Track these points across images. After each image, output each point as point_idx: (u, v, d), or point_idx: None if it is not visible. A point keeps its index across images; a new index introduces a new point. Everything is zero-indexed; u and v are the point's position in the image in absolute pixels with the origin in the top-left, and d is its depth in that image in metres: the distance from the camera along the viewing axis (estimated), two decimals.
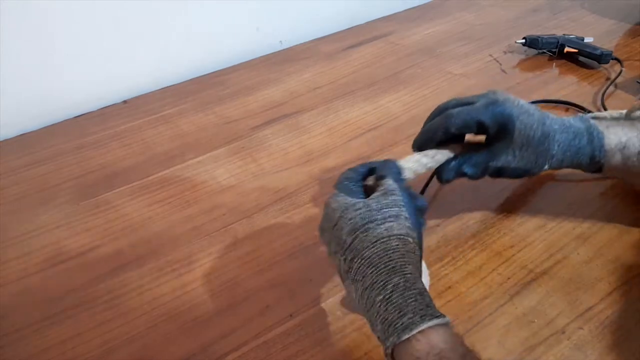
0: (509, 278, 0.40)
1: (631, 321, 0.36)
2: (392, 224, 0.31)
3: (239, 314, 0.39)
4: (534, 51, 0.71)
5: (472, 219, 0.46)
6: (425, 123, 0.43)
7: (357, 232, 0.31)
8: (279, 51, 0.77)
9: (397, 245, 0.30)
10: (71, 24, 0.61)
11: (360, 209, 0.32)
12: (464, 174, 0.41)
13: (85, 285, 0.42)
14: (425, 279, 0.35)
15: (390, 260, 0.29)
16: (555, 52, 0.70)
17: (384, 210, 0.32)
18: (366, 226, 0.31)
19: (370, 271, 0.29)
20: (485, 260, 0.41)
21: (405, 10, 0.87)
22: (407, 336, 0.26)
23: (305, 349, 0.36)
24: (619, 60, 0.65)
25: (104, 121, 0.63)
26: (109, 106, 0.66)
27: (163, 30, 0.68)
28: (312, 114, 0.62)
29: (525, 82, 0.65)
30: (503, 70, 0.68)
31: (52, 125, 0.63)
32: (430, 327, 0.27)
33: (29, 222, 0.48)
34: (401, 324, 0.27)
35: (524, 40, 0.71)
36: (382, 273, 0.29)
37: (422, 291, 0.29)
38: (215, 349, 0.36)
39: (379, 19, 0.85)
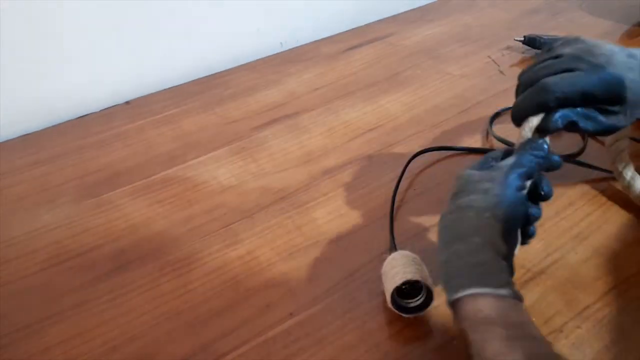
0: None
1: (629, 320, 0.37)
2: (477, 196, 0.32)
3: (239, 313, 0.39)
4: (532, 52, 0.72)
5: None
6: (517, 92, 0.37)
7: (452, 200, 0.34)
8: (280, 52, 0.77)
9: (471, 216, 0.32)
10: (73, 25, 0.61)
11: (462, 177, 0.34)
12: (574, 123, 0.35)
13: (87, 284, 0.42)
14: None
15: (460, 227, 0.31)
16: None
17: (479, 183, 0.33)
18: (458, 194, 0.33)
19: (443, 233, 0.32)
20: None
21: (405, 11, 0.87)
22: (455, 297, 0.29)
23: (305, 348, 0.36)
24: None
25: (106, 121, 0.63)
26: (111, 107, 0.66)
27: (165, 31, 0.68)
28: (312, 115, 0.62)
29: None
30: (501, 72, 0.68)
31: (55, 125, 0.63)
32: (478, 294, 0.28)
33: (30, 221, 0.49)
34: (451, 286, 0.30)
35: (522, 39, 0.71)
36: (449, 237, 0.32)
37: (482, 262, 0.30)
38: (216, 348, 0.37)
39: (379, 20, 0.85)
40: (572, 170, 0.50)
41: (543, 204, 0.35)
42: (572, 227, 0.44)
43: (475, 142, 0.55)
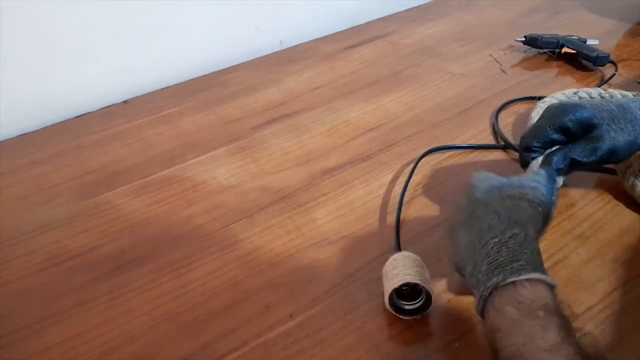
0: None
1: (631, 321, 0.36)
2: (528, 191, 0.33)
3: (239, 314, 0.39)
4: (534, 51, 0.71)
5: None
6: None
7: (492, 190, 0.34)
8: (280, 51, 0.77)
9: (527, 207, 0.32)
10: (71, 24, 0.61)
11: (500, 178, 0.35)
12: (574, 162, 0.40)
13: (86, 285, 0.42)
14: None
15: (516, 215, 0.31)
16: (555, 52, 0.70)
17: (524, 181, 0.34)
18: (502, 187, 0.34)
19: (492, 217, 0.31)
20: None
21: (406, 10, 0.87)
22: (514, 279, 0.27)
23: (305, 349, 0.36)
24: (614, 63, 0.65)
25: (104, 121, 0.63)
26: (109, 106, 0.66)
27: (163, 30, 0.68)
28: (312, 114, 0.62)
29: (524, 82, 0.65)
30: (503, 70, 0.68)
31: (53, 125, 0.63)
32: (540, 280, 0.28)
33: (29, 222, 0.48)
34: (511, 268, 0.28)
35: (524, 39, 0.71)
36: (504, 221, 0.31)
37: (538, 251, 0.30)
38: (216, 349, 0.37)
39: (379, 19, 0.85)
40: (573, 172, 0.49)
41: None
42: (575, 228, 0.44)
43: (477, 141, 0.55)
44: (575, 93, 0.57)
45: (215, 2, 0.70)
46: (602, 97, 0.56)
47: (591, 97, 0.56)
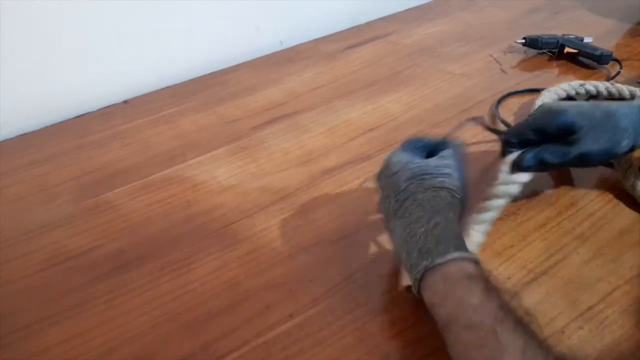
0: (509, 278, 0.40)
1: (631, 321, 0.36)
2: (445, 179, 0.37)
3: (239, 314, 0.39)
4: (534, 51, 0.71)
5: None
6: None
7: (414, 179, 0.37)
8: (279, 51, 0.77)
9: (446, 195, 0.36)
10: (71, 24, 0.61)
11: (419, 163, 0.38)
12: (543, 162, 0.42)
13: (86, 285, 0.42)
14: (477, 238, 0.40)
15: (437, 204, 0.35)
16: (555, 52, 0.70)
17: (439, 167, 0.37)
18: (423, 176, 0.37)
19: (418, 210, 0.35)
20: (486, 260, 0.41)
21: (406, 10, 0.87)
22: (440, 261, 0.31)
23: (305, 349, 0.36)
24: (618, 61, 0.65)
25: (104, 121, 0.63)
26: (109, 106, 0.66)
27: (163, 30, 0.68)
28: (312, 114, 0.62)
29: (525, 82, 0.65)
30: (503, 70, 0.68)
31: (53, 125, 0.63)
32: (462, 258, 0.31)
33: (29, 222, 0.48)
34: (437, 251, 0.32)
35: (523, 40, 0.71)
36: (427, 212, 0.35)
37: (459, 234, 0.34)
38: (216, 349, 0.36)
39: (379, 19, 0.85)
40: (574, 170, 0.49)
41: (545, 204, 0.39)
42: (575, 228, 0.44)
43: (477, 141, 0.55)
44: (582, 85, 0.58)
45: (215, 2, 0.70)
46: (608, 92, 0.57)
47: (595, 93, 0.57)
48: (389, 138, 0.57)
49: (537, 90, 0.61)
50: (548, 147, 0.42)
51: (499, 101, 0.61)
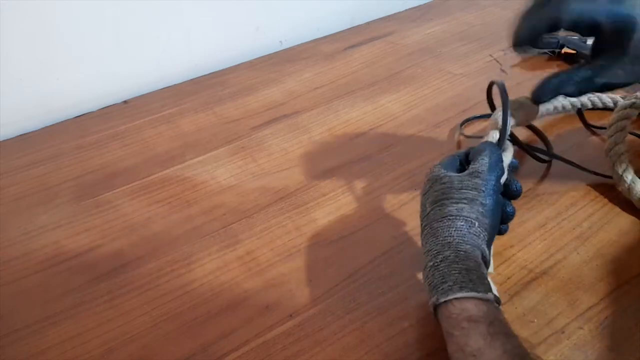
0: (508, 278, 0.40)
1: (631, 321, 0.36)
2: (464, 205, 0.33)
3: (238, 314, 0.39)
4: (534, 51, 0.71)
5: None
6: (526, 15, 0.38)
7: (435, 205, 0.34)
8: (279, 51, 0.77)
9: (462, 225, 0.33)
10: (71, 24, 0.61)
11: (444, 183, 0.35)
12: (562, 94, 0.38)
13: (85, 285, 0.42)
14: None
15: (450, 236, 0.33)
16: (555, 52, 0.70)
17: (463, 190, 0.34)
18: (443, 201, 0.34)
19: (432, 240, 0.33)
20: None
21: (406, 10, 0.87)
22: (444, 299, 0.30)
23: (305, 349, 0.36)
24: None
25: (104, 121, 0.63)
26: (109, 106, 0.66)
27: (163, 30, 0.68)
28: (312, 114, 0.62)
29: (525, 82, 0.65)
30: (503, 70, 0.68)
31: (52, 125, 0.63)
32: (465, 297, 0.30)
33: (28, 222, 0.48)
34: (441, 289, 0.31)
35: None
36: (438, 244, 0.33)
37: (470, 268, 0.31)
38: (215, 349, 0.36)
39: (379, 19, 0.85)
40: (575, 170, 0.49)
41: (545, 204, 0.35)
42: (575, 228, 0.44)
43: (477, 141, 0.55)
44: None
45: (215, 2, 0.70)
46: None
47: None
48: (389, 138, 0.57)
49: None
50: (573, 74, 0.37)
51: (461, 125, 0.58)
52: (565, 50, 0.68)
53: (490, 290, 0.31)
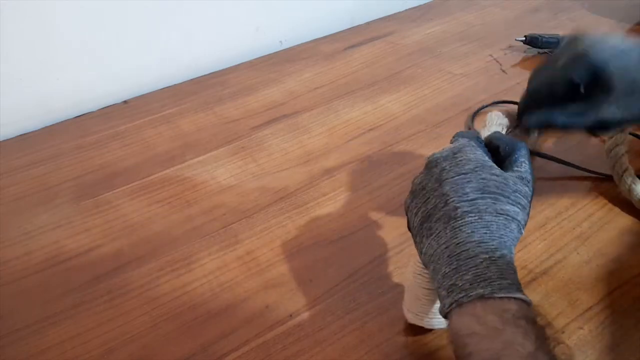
0: None
1: (631, 321, 0.36)
2: (519, 210, 0.31)
3: (238, 314, 0.39)
4: (534, 51, 0.71)
5: None
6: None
7: (486, 195, 0.30)
8: (279, 51, 0.77)
9: (514, 229, 0.30)
10: (71, 24, 0.61)
11: (497, 176, 0.31)
12: (551, 124, 0.36)
13: (85, 285, 0.42)
14: None
15: (505, 236, 0.30)
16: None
17: (517, 194, 0.31)
18: (497, 196, 0.30)
19: (484, 231, 0.29)
20: None
21: (406, 10, 0.87)
22: (503, 295, 0.27)
23: (305, 349, 0.36)
24: None
25: (104, 121, 0.63)
26: (109, 106, 0.66)
27: (163, 30, 0.68)
28: (312, 114, 0.62)
29: (525, 82, 0.64)
30: (503, 70, 0.68)
31: (52, 125, 0.63)
32: (519, 298, 0.27)
33: (28, 222, 0.48)
34: (499, 284, 0.27)
35: (524, 38, 0.71)
36: (495, 240, 0.29)
37: (514, 269, 0.29)
38: (215, 349, 0.36)
39: (379, 19, 0.84)
40: (575, 170, 0.49)
41: (545, 204, 0.34)
42: (575, 228, 0.44)
43: None
44: None
45: (215, 2, 0.70)
46: None
47: None
48: (389, 138, 0.57)
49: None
50: (565, 105, 0.36)
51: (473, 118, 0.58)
52: None
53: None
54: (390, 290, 0.40)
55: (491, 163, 0.32)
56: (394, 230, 0.44)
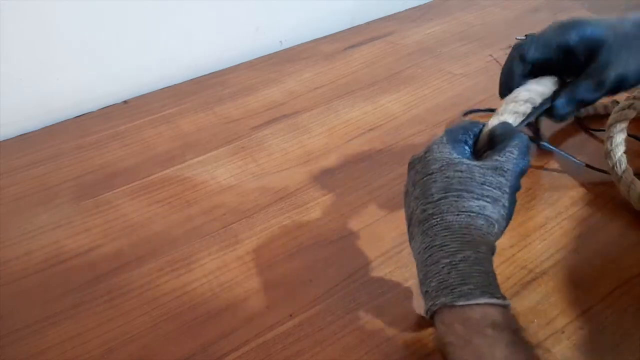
0: (508, 278, 0.40)
1: (631, 321, 0.36)
2: (487, 204, 0.30)
3: (238, 314, 0.39)
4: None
5: None
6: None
7: (449, 195, 0.30)
8: (279, 51, 0.77)
9: (482, 225, 0.30)
10: (71, 24, 0.61)
11: (461, 172, 0.31)
12: (581, 102, 0.36)
13: (85, 285, 0.42)
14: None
15: (469, 234, 0.29)
16: None
17: (486, 187, 0.30)
18: (460, 193, 0.30)
19: (445, 234, 0.29)
20: None
21: (406, 10, 0.87)
22: (463, 303, 0.27)
23: (305, 349, 0.36)
24: None
25: (104, 121, 0.63)
26: (109, 106, 0.66)
27: (163, 30, 0.68)
28: (312, 114, 0.62)
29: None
30: None
31: (52, 125, 0.63)
32: (488, 303, 0.27)
33: (28, 222, 0.48)
34: (459, 291, 0.27)
35: (524, 37, 0.71)
36: (456, 241, 0.29)
37: (489, 272, 0.28)
38: (215, 349, 0.36)
39: (379, 19, 0.84)
40: (575, 170, 0.49)
41: (545, 204, 0.34)
42: (575, 228, 0.44)
43: None
44: None
45: (215, 2, 0.70)
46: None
47: None
48: (389, 138, 0.57)
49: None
50: (578, 84, 0.36)
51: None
52: None
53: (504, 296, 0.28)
54: (390, 290, 0.40)
55: (459, 159, 0.32)
56: (394, 230, 0.44)
